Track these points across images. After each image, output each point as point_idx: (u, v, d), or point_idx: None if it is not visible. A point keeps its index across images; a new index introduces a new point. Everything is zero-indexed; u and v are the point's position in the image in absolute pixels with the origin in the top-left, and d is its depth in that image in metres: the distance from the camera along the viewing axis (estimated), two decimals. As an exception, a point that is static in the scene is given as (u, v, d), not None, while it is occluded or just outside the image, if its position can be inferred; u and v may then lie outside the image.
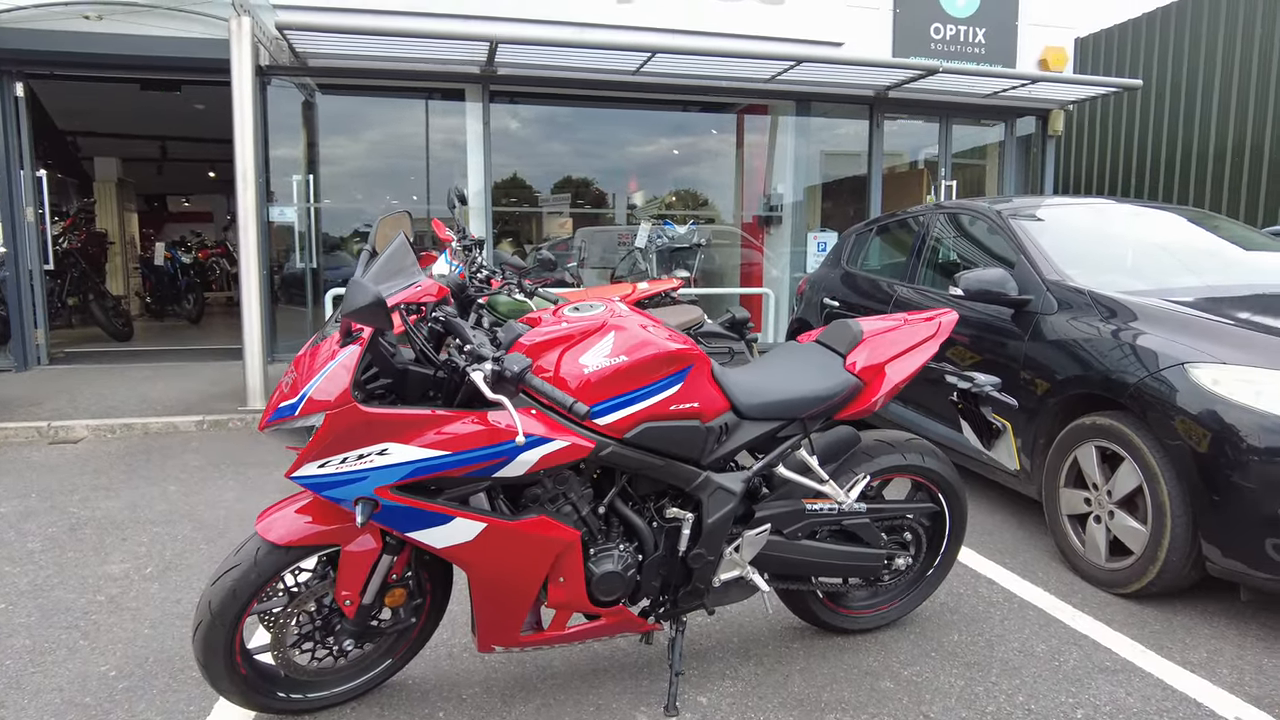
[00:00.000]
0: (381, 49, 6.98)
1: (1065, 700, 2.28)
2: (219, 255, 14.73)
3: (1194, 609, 2.85)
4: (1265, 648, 2.58)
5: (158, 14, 6.78)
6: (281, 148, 7.72)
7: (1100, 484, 3.03)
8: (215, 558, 3.30)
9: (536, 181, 8.88)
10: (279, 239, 7.92)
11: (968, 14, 8.65)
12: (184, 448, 5.03)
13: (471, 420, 1.86)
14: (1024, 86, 8.22)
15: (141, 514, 3.82)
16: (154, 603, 2.90)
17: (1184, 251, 3.77)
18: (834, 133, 9.38)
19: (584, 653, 2.55)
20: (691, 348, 2.08)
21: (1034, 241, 3.76)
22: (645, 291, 5.16)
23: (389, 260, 1.99)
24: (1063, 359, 3.24)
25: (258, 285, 5.74)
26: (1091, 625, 2.72)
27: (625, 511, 2.12)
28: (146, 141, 13.07)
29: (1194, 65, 9.32)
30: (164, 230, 18.46)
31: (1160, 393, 2.78)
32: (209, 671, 1.96)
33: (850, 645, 2.60)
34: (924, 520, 2.63)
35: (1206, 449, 2.62)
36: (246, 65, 5.56)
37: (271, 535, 1.91)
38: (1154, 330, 2.96)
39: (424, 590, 2.17)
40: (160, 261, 12.16)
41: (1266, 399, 2.54)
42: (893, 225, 5.10)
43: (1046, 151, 9.31)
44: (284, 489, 4.20)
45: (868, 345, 2.43)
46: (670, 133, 9.26)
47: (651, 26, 7.77)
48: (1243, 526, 2.55)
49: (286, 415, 1.83)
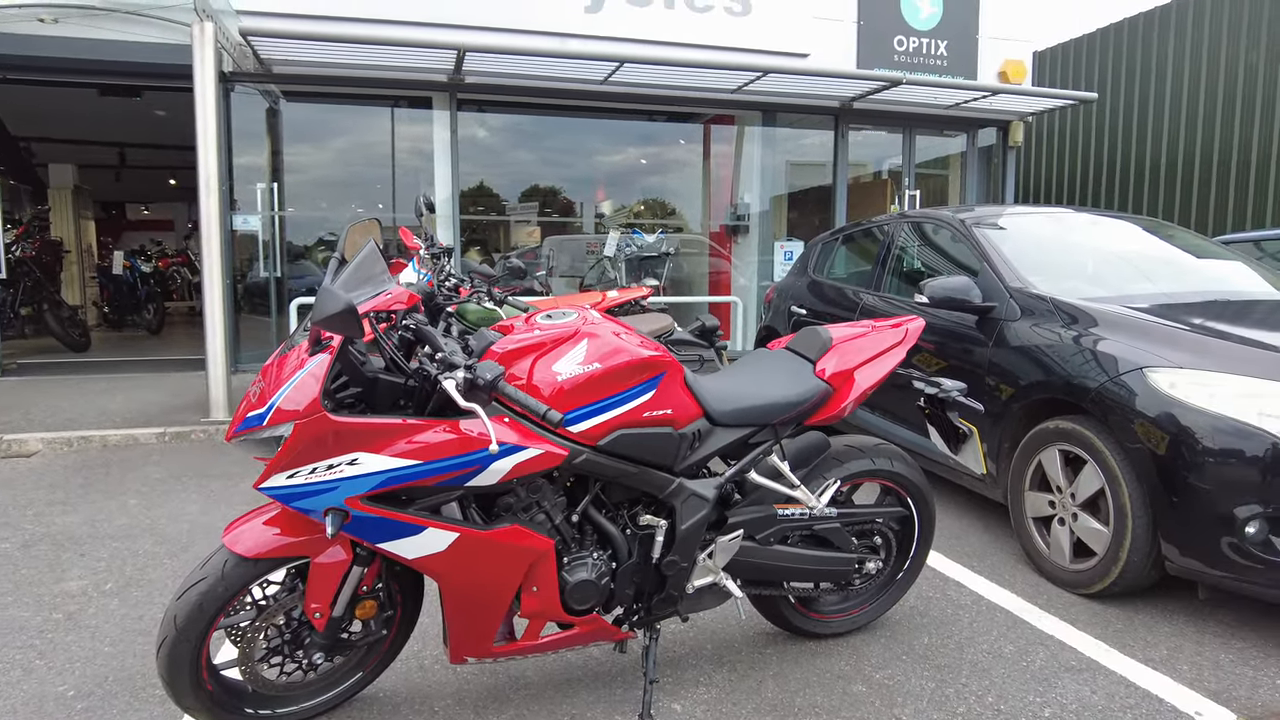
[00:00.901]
0: (347, 56, 6.93)
1: (1033, 700, 2.32)
2: (180, 264, 14.46)
3: (1155, 608, 2.91)
4: (1222, 644, 2.65)
5: (116, 18, 6.65)
6: (245, 155, 7.61)
7: (1064, 487, 3.09)
8: (179, 573, 3.23)
9: (504, 190, 8.86)
10: (242, 247, 7.80)
11: (930, 27, 8.82)
12: (145, 460, 4.92)
13: (443, 429, 1.84)
14: (984, 98, 8.40)
15: (100, 529, 3.73)
16: (114, 620, 2.83)
17: (1140, 259, 3.87)
18: (800, 143, 9.49)
19: (557, 662, 2.53)
20: (664, 354, 2.08)
21: (997, 249, 3.83)
22: (615, 300, 5.17)
23: (359, 268, 1.97)
24: (1026, 364, 3.31)
25: (221, 294, 5.64)
26: (1057, 626, 2.77)
27: (599, 519, 2.12)
28: (104, 148, 12.79)
29: (1146, 80, 9.60)
30: (123, 238, 18.09)
31: (1120, 397, 2.84)
32: (174, 688, 1.91)
33: (822, 650, 2.62)
34: (893, 524, 2.66)
35: (1165, 451, 2.69)
36: (209, 71, 5.47)
37: (239, 547, 1.88)
38: (1114, 336, 3.03)
39: (395, 602, 2.15)
40: (119, 270, 11.90)
41: (1219, 401, 2.62)
42: (858, 234, 5.17)
43: (1007, 162, 9.51)
44: (250, 501, 4.12)
45: (837, 352, 2.45)
46: (638, 142, 9.30)
47: (620, 36, 7.80)
48: (1199, 526, 2.62)
49: (254, 425, 1.80)
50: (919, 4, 8.75)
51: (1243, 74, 8.57)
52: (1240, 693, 2.36)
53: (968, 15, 8.93)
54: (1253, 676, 2.45)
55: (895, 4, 8.68)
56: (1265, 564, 2.51)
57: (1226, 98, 8.72)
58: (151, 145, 12.60)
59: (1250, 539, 2.52)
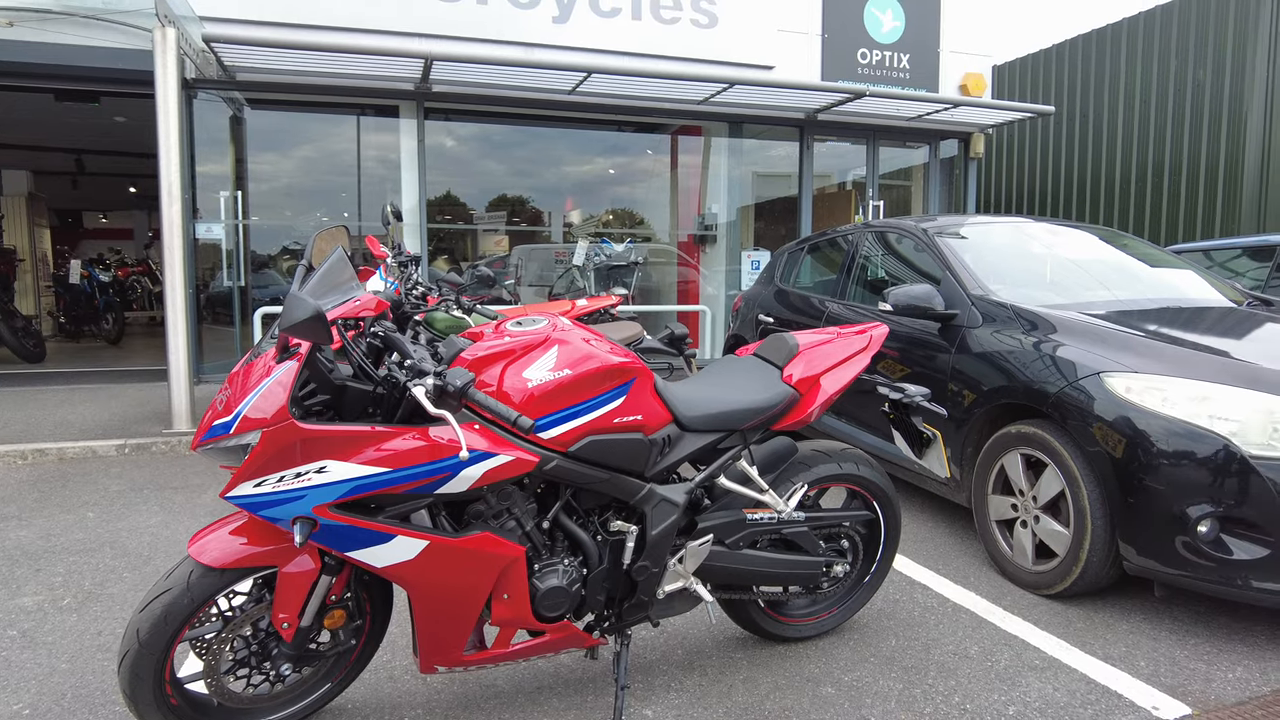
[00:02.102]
0: (313, 64, 6.87)
1: (998, 699, 2.36)
2: (140, 274, 14.16)
3: (1113, 607, 2.99)
4: (1177, 640, 2.72)
5: (75, 22, 6.53)
6: (208, 163, 7.50)
7: (1026, 490, 3.16)
8: (140, 586, 3.17)
9: (471, 199, 8.83)
10: (204, 256, 7.68)
11: (892, 40, 8.98)
12: (103, 473, 4.81)
13: (412, 436, 1.84)
14: (946, 110, 8.57)
15: (56, 543, 3.64)
16: (71, 636, 2.76)
17: (1097, 268, 3.98)
18: (766, 154, 9.60)
19: (528, 670, 2.53)
20: (634, 361, 2.10)
21: (959, 258, 3.91)
22: (584, 308, 5.18)
23: (327, 274, 1.96)
24: (988, 370, 3.38)
25: (183, 303, 5.55)
26: (1021, 626, 2.83)
27: (569, 526, 2.12)
28: (61, 154, 12.51)
29: (1100, 94, 9.88)
30: (80, 247, 17.68)
31: (1079, 401, 2.92)
32: (136, 703, 1.88)
33: (792, 653, 2.64)
34: (860, 528, 2.70)
35: (1122, 454, 2.77)
36: (172, 78, 5.40)
37: (205, 558, 1.85)
38: (1072, 342, 3.11)
39: (363, 611, 2.13)
40: (76, 280, 11.63)
41: (1172, 405, 2.70)
42: (823, 244, 5.24)
43: (968, 173, 9.71)
44: (213, 513, 4.05)
45: (803, 358, 2.49)
46: (606, 152, 9.33)
47: (588, 47, 7.84)
48: (1155, 526, 2.69)
49: (220, 434, 1.78)
50: (881, 18, 8.91)
51: (1190, 90, 8.86)
52: (1195, 687, 2.43)
53: (929, 30, 9.11)
54: (1206, 671, 2.52)
55: (858, 18, 8.84)
56: (1217, 562, 2.59)
57: (1176, 113, 9.01)
58: (111, 152, 12.36)
59: (1202, 537, 2.60)
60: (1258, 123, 8.32)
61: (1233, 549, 2.58)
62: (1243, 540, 2.58)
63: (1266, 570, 2.54)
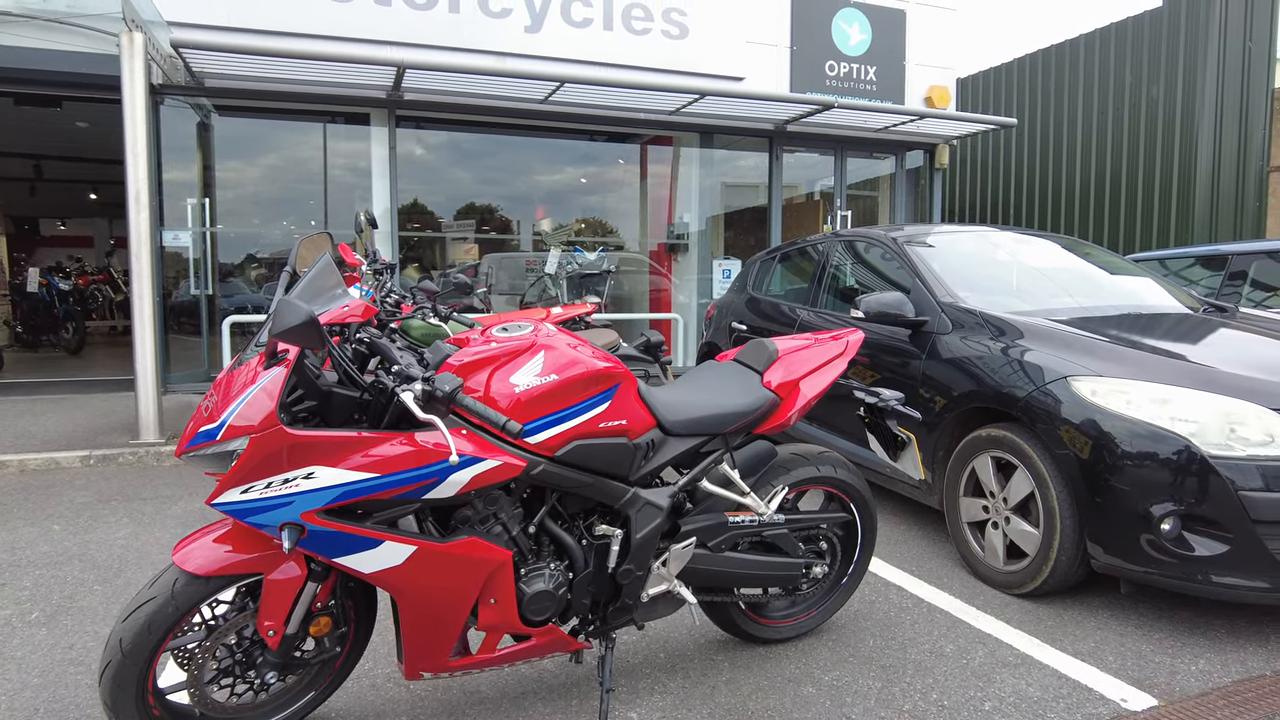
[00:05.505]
0: (284, 71, 6.81)
1: (974, 695, 2.42)
2: (101, 282, 13.85)
3: (1082, 604, 3.07)
4: (1143, 635, 2.81)
5: (37, 25, 6.41)
6: (174, 170, 7.39)
7: (996, 492, 3.24)
8: (111, 599, 3.11)
9: (439, 207, 8.80)
10: (170, 265, 7.55)
11: (860, 53, 9.15)
12: (69, 485, 4.71)
13: (400, 441, 1.84)
14: (912, 122, 8.74)
15: (21, 556, 3.56)
16: (42, 650, 2.71)
17: (1061, 275, 4.10)
18: (735, 164, 9.70)
19: (512, 675, 2.53)
20: (618, 366, 2.13)
21: (928, 266, 4.00)
22: (560, 316, 5.20)
23: (314, 280, 1.96)
24: (958, 375, 3.46)
25: (151, 311, 5.46)
26: (994, 625, 2.89)
27: (555, 530, 2.14)
28: (18, 160, 12.23)
29: (1060, 107, 10.15)
30: (37, 255, 17.26)
31: (1047, 404, 3.01)
32: (118, 714, 1.85)
33: (772, 654, 2.68)
34: (838, 529, 2.75)
35: (1088, 455, 2.85)
36: (139, 83, 5.33)
37: (190, 565, 1.84)
38: (1039, 347, 3.20)
39: (349, 618, 2.12)
40: (34, 288, 11.36)
41: (1135, 407, 2.79)
42: (794, 253, 5.32)
43: (934, 183, 9.90)
44: (184, 524, 3.99)
45: (783, 363, 2.54)
46: (577, 162, 9.36)
47: (560, 57, 7.87)
48: (1121, 525, 2.78)
49: (206, 440, 1.77)
50: (849, 31, 9.08)
51: (1145, 105, 9.15)
52: (1160, 679, 2.51)
53: (895, 43, 9.30)
54: (1171, 664, 2.61)
55: (826, 30, 8.99)
56: (1179, 558, 2.68)
57: (1131, 126, 9.29)
58: (72, 158, 12.11)
59: (1165, 535, 2.69)
60: (1208, 137, 8.62)
61: (1194, 546, 2.67)
62: (1203, 537, 2.67)
63: (1226, 565, 2.63)
